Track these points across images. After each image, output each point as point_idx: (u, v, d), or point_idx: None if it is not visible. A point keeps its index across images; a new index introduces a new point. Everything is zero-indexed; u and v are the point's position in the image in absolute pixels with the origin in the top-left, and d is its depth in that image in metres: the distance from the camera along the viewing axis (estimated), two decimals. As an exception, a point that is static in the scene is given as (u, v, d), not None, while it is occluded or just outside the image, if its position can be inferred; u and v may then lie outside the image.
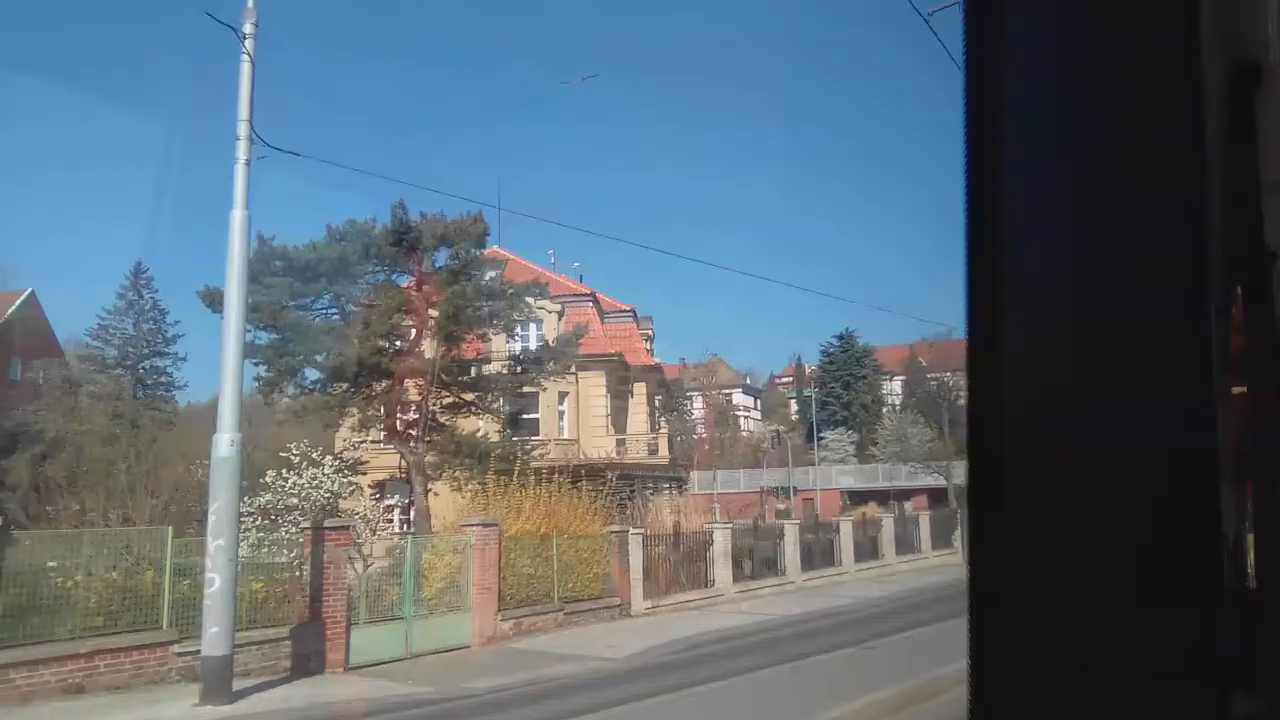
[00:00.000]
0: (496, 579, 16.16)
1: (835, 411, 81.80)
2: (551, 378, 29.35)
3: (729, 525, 22.92)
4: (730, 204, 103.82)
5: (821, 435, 78.41)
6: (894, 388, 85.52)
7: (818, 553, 27.63)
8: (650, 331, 44.12)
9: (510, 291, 25.30)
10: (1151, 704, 0.78)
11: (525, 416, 36.74)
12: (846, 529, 29.02)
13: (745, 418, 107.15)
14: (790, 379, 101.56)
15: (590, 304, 39.20)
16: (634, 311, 42.75)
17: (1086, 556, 0.81)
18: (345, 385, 23.92)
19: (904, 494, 53.49)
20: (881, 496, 52.46)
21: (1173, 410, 0.79)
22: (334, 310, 25.05)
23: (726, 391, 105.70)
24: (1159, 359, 0.80)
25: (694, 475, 52.19)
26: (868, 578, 29.10)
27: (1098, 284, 0.82)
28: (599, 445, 37.73)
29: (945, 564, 34.90)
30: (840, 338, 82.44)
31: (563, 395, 37.48)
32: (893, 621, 19.01)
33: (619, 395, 40.93)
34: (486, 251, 45.27)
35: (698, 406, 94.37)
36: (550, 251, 46.02)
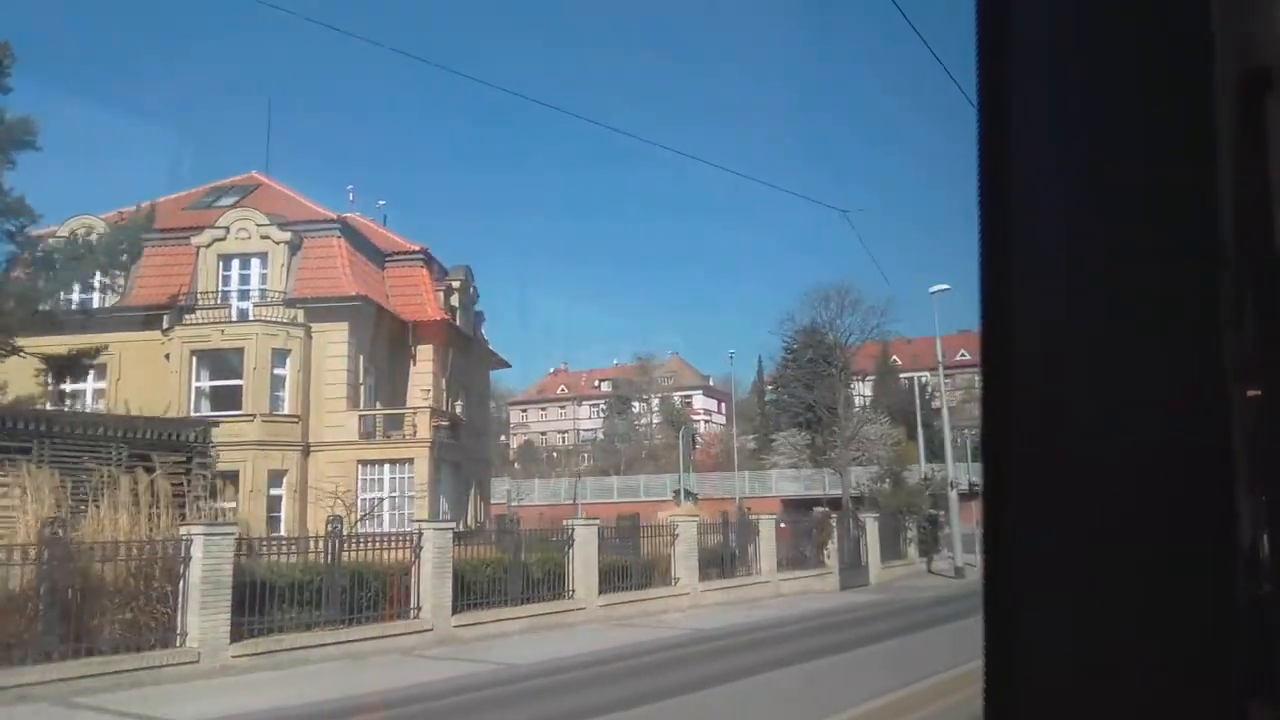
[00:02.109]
0: None
1: (798, 414, 72.31)
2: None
3: (228, 533, 12.05)
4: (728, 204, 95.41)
5: (772, 437, 71.08)
6: (864, 389, 78.60)
7: (524, 581, 16.87)
8: (459, 284, 33.48)
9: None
10: (1167, 713, 0.78)
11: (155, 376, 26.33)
12: (586, 539, 18.12)
13: (706, 421, 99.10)
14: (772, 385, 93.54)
15: (336, 233, 28.64)
16: (425, 253, 32.20)
17: (1101, 563, 0.81)
18: None
19: (856, 501, 43.97)
20: (817, 504, 43.95)
21: (1186, 415, 0.80)
22: None
23: (687, 394, 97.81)
24: (1171, 364, 0.81)
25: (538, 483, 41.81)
26: (619, 615, 18.32)
27: (1110, 291, 0.83)
28: (337, 425, 27.18)
29: (803, 591, 24.00)
30: (805, 332, 72.62)
31: (281, 354, 26.95)
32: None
33: (394, 360, 30.39)
34: (238, 178, 35.26)
35: (653, 408, 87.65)
36: (349, 188, 35.57)
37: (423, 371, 30.78)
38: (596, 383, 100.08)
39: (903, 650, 15.18)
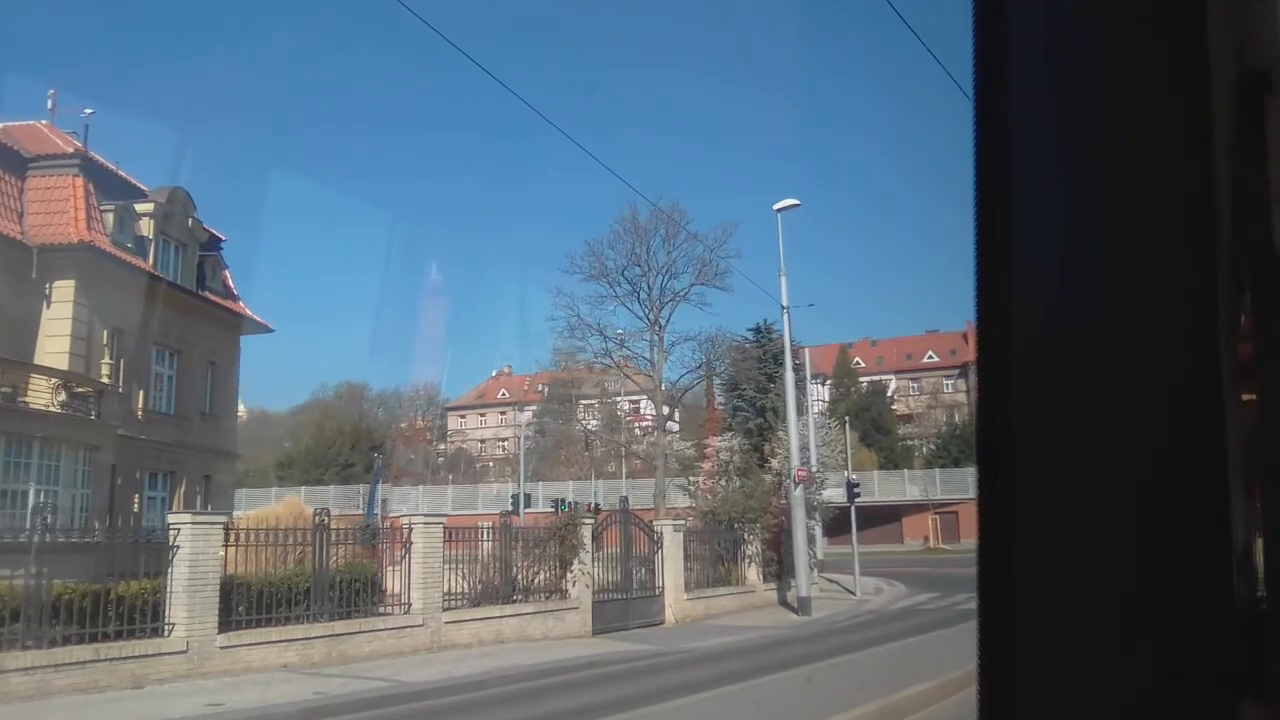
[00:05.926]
0: None
1: (748, 418, 63.78)
2: None
3: None
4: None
5: (707, 443, 63.26)
6: (823, 392, 72.16)
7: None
8: (154, 209, 24.49)
9: None
10: (1163, 713, 0.78)
11: None
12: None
13: (652, 428, 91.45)
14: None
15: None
16: (84, 157, 23.27)
17: (1096, 562, 0.81)
18: None
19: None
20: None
21: (1182, 417, 0.80)
22: None
23: (634, 398, 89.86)
24: (1169, 365, 0.80)
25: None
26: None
27: (1108, 292, 0.83)
28: None
29: (512, 638, 14.89)
30: (756, 330, 63.67)
31: None
32: None
33: (23, 298, 21.43)
34: None
35: (580, 413, 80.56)
36: (50, 93, 26.70)
37: (59, 316, 21.88)
38: (540, 386, 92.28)
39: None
